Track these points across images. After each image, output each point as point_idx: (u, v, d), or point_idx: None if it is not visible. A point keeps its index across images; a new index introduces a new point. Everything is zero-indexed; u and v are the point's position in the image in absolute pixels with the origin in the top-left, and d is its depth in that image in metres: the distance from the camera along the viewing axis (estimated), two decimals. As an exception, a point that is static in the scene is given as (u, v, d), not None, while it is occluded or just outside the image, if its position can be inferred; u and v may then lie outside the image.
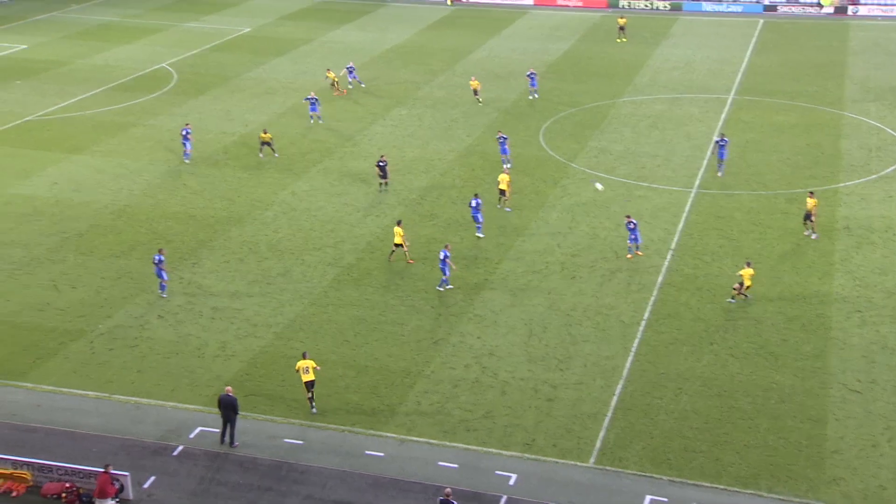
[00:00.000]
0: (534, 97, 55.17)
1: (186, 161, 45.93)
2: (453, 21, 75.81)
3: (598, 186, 40.73)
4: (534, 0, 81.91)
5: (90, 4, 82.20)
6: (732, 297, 33.25)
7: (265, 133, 46.84)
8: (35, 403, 28.06)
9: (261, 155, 46.38)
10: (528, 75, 56.01)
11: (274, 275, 35.55)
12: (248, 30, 73.52)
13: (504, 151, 44.87)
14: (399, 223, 36.34)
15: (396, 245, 35.93)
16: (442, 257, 33.96)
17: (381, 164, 42.17)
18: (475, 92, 54.57)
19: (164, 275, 33.82)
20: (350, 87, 57.30)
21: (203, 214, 40.56)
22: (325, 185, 43.62)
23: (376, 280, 35.15)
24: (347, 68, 58.15)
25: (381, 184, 42.41)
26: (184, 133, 46.55)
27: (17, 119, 52.00)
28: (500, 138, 45.36)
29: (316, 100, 51.51)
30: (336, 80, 56.98)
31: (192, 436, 26.73)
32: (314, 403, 27.59)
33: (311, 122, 50.97)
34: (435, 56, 64.79)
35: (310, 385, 27.51)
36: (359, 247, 37.59)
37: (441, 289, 34.18)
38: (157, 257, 33.82)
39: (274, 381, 28.93)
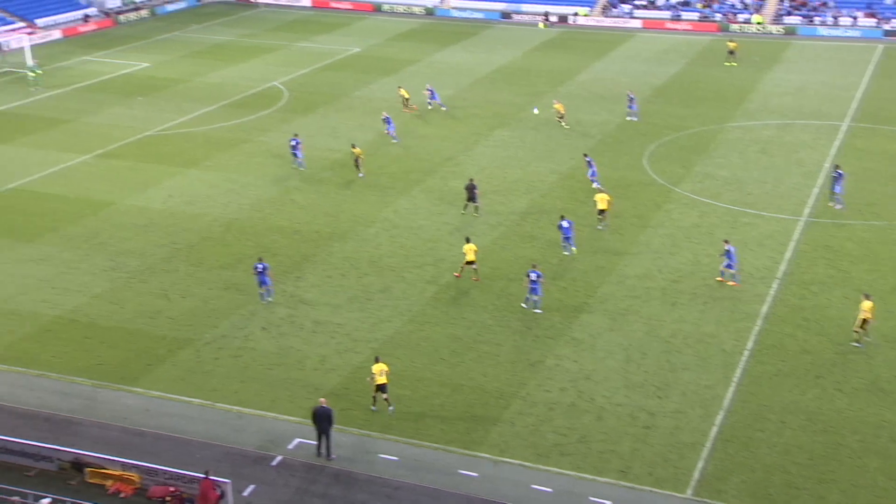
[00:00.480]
0: (632, 119, 54.62)
1: (301, 169, 47.35)
2: (559, 44, 75.68)
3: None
4: (642, 23, 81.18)
5: (209, 24, 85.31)
6: (858, 342, 31.35)
7: (355, 147, 47.69)
8: (144, 408, 29.05)
9: (360, 174, 47.02)
10: (628, 97, 55.52)
11: (374, 291, 36.02)
12: (358, 50, 75.01)
13: (593, 174, 44.72)
14: (468, 240, 36.49)
15: (468, 262, 36.13)
16: (535, 278, 33.81)
17: (469, 186, 42.27)
18: (560, 116, 54.28)
19: (268, 280, 34.71)
20: (429, 107, 57.66)
21: (307, 229, 41.43)
22: (426, 204, 44.01)
23: (474, 299, 35.22)
24: (428, 90, 58.81)
25: (466, 206, 42.47)
26: (293, 144, 47.92)
27: (137, 134, 54.29)
28: (587, 160, 45.37)
29: (389, 118, 52.41)
30: (407, 97, 57.93)
31: (290, 446, 27.20)
32: (388, 403, 28.28)
33: (394, 141, 51.62)
34: (539, 78, 64.75)
35: (382, 388, 28.17)
36: (458, 266, 37.77)
37: (525, 305, 34.06)
38: (259, 265, 34.73)
39: (371, 397, 29.23)
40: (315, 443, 26.98)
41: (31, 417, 28.57)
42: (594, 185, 44.07)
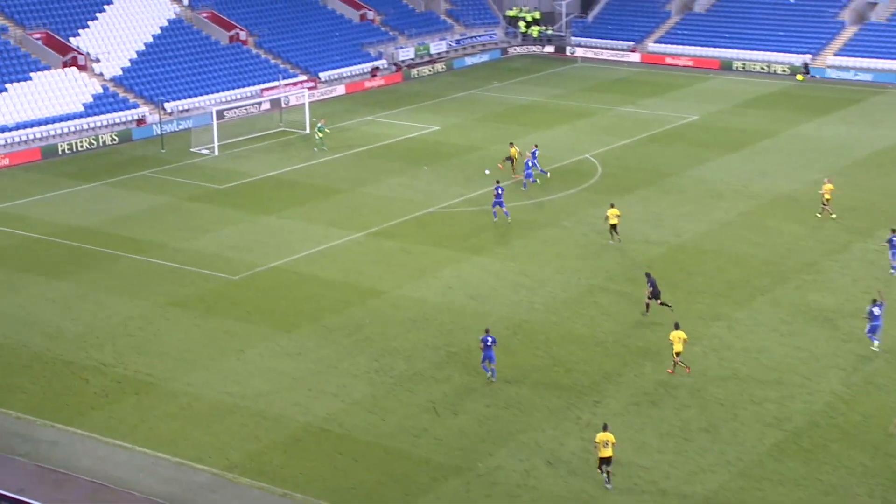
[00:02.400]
0: None
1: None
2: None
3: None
4: None
5: (513, 82, 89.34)
6: None
7: (613, 208, 50.92)
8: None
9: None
10: None
11: (694, 429, 35.15)
12: (695, 118, 75.11)
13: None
14: (677, 327, 38.44)
15: (677, 354, 37.67)
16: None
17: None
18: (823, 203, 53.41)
19: (493, 355, 37.85)
20: (528, 177, 59.48)
21: (612, 341, 41.44)
22: (772, 321, 42.60)
23: (834, 454, 33.30)
24: (531, 152, 60.39)
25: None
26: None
27: (417, 210, 57.41)
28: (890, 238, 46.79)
29: (501, 189, 54.61)
30: (516, 157, 60.93)
31: None
32: (609, 479, 31.50)
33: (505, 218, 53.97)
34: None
35: (606, 462, 31.47)
36: (814, 407, 35.99)
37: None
38: (487, 338, 37.66)
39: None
40: None
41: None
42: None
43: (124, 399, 37.84)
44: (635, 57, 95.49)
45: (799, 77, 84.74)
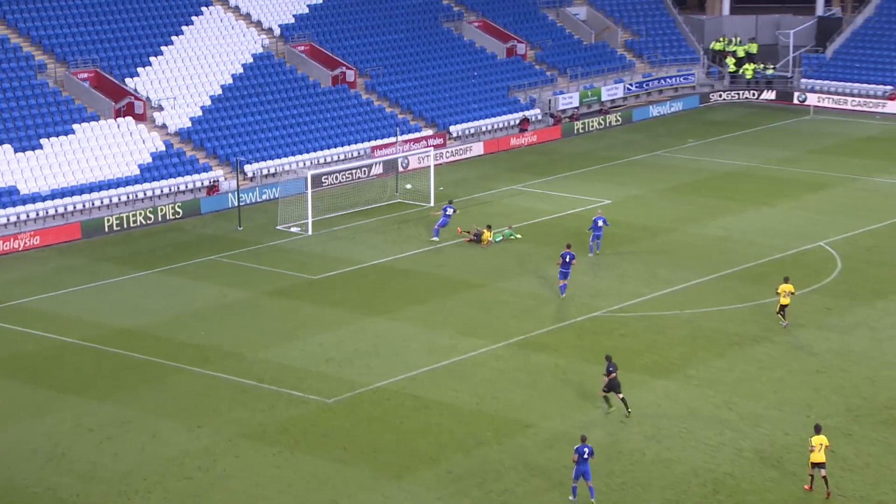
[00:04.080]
0: None
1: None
2: None
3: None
4: None
5: (717, 139, 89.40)
6: None
7: (786, 283, 51.00)
8: None
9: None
10: None
11: None
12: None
13: None
14: (819, 430, 41.66)
15: (815, 465, 40.48)
16: None
17: None
18: None
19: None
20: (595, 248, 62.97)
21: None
22: None
23: None
24: (598, 218, 64.51)
25: None
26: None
27: (578, 313, 56.87)
28: None
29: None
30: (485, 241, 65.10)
31: None
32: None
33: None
34: None
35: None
36: None
37: None
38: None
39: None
40: None
41: None
42: None
43: (176, 564, 38.18)
44: (894, 106, 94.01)
45: None
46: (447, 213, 67.52)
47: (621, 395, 46.22)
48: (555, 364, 51.71)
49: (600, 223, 64.55)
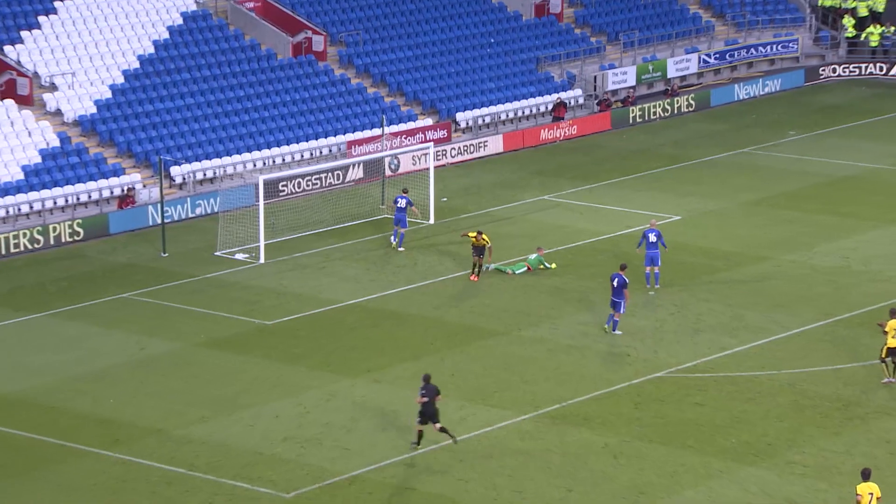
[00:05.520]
0: None
1: None
2: None
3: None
4: None
5: (826, 133, 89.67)
6: None
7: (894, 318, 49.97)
8: None
9: None
10: None
11: None
12: None
13: None
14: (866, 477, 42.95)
15: None
16: None
17: None
18: None
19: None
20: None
21: None
22: None
23: None
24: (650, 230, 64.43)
25: None
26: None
27: (635, 374, 57.06)
28: None
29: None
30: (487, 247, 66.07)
31: None
32: None
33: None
34: None
35: None
36: None
37: None
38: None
39: None
40: None
41: None
42: None
43: None
44: None
45: None
46: (399, 205, 67.95)
47: (439, 425, 47.29)
48: (603, 444, 51.79)
49: (653, 237, 64.68)
